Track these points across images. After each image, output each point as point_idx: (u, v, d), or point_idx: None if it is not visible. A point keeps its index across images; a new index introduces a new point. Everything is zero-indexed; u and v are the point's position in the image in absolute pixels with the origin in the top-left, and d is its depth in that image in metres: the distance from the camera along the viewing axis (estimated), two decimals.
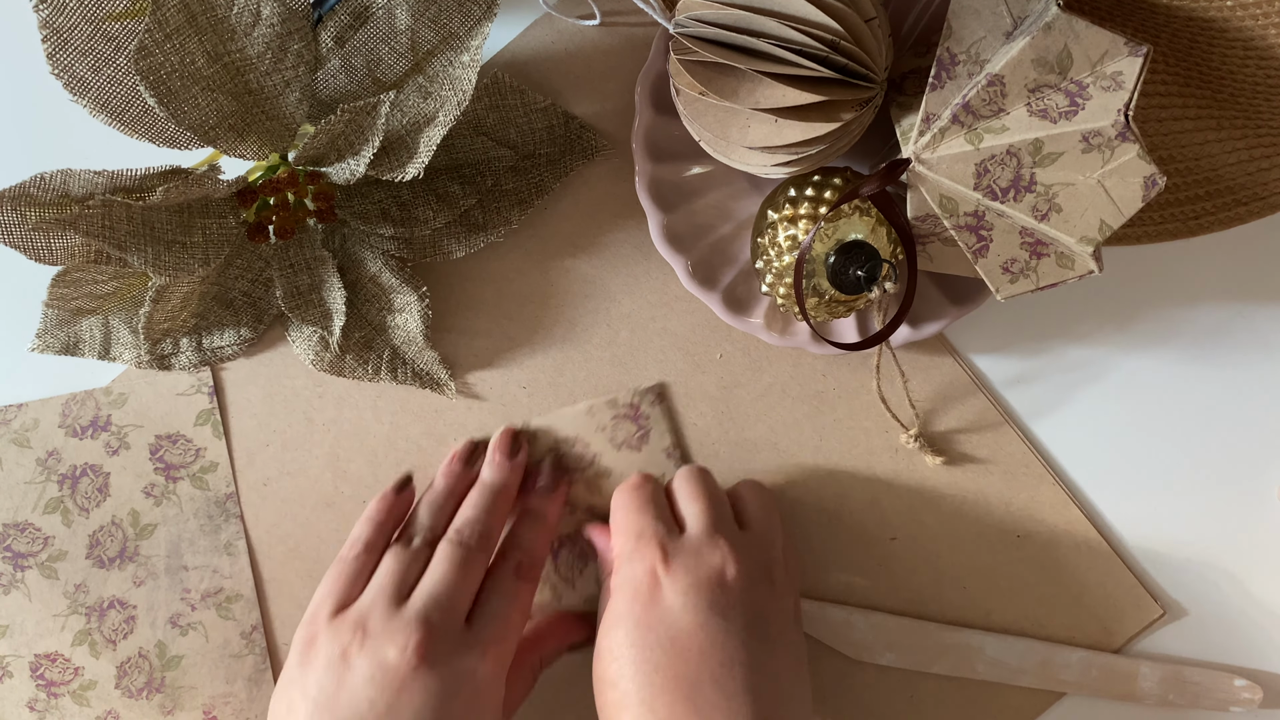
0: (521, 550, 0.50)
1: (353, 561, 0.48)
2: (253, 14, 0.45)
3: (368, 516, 0.50)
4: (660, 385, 0.54)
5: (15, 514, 0.53)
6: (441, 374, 0.53)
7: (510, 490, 0.51)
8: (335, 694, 0.44)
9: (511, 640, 0.47)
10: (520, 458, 0.52)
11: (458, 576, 0.47)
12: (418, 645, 0.44)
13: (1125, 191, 0.42)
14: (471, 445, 0.52)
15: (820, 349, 0.51)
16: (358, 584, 0.47)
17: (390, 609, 0.46)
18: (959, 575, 0.54)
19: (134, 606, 0.54)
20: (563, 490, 0.53)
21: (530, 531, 0.50)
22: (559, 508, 0.52)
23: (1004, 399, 0.54)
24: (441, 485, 0.51)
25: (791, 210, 0.47)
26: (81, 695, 0.54)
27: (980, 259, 0.44)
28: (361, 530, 0.49)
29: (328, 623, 0.46)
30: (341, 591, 0.47)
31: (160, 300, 0.49)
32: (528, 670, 0.50)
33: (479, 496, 0.50)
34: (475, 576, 0.48)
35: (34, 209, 0.44)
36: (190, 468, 0.54)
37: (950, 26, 0.42)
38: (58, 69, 0.44)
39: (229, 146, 0.46)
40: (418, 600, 0.46)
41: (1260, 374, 0.54)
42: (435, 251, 0.52)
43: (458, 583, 0.47)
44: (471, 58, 0.46)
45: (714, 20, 0.42)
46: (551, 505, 0.52)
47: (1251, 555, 0.54)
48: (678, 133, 0.48)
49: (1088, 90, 0.41)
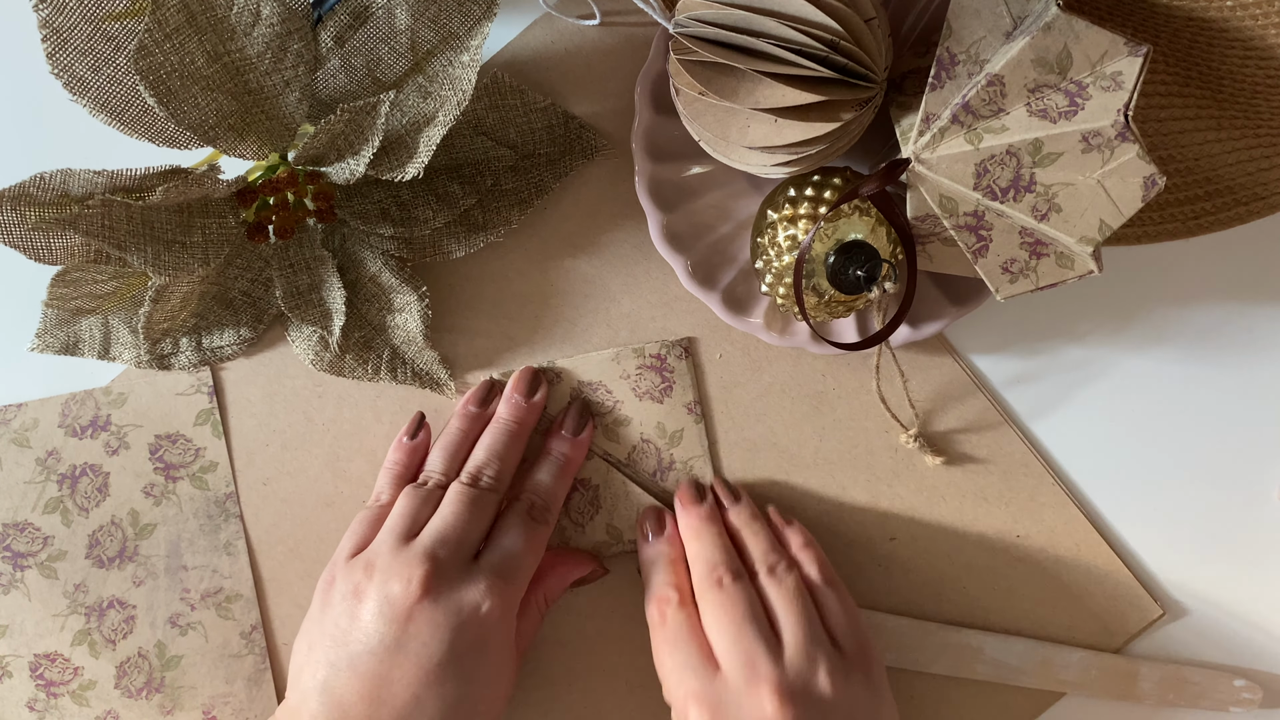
0: (537, 492, 0.50)
1: (372, 509, 0.50)
2: (252, 14, 0.45)
3: (386, 465, 0.52)
4: (688, 339, 0.53)
5: (15, 514, 0.53)
6: (441, 374, 0.53)
7: (525, 429, 0.51)
8: (348, 629, 0.46)
9: (520, 578, 0.48)
10: (538, 397, 0.52)
11: (467, 515, 0.47)
12: (422, 578, 0.45)
13: (1125, 191, 0.42)
14: (488, 385, 0.53)
15: (820, 349, 0.51)
16: (375, 529, 0.49)
17: (398, 546, 0.47)
18: (959, 575, 0.54)
19: (133, 606, 0.54)
20: (588, 436, 0.53)
21: (549, 475, 0.51)
22: (581, 454, 0.52)
23: (1004, 399, 0.54)
24: (456, 426, 0.52)
25: (791, 210, 0.47)
26: (81, 695, 0.54)
27: (980, 259, 0.44)
28: (381, 479, 0.51)
29: (344, 564, 0.48)
30: (359, 536, 0.49)
31: (160, 300, 0.49)
32: (533, 608, 0.51)
33: (492, 436, 0.51)
34: (486, 515, 0.48)
35: (34, 209, 0.44)
36: (190, 467, 0.54)
37: (950, 26, 0.42)
38: (58, 69, 0.44)
39: (229, 146, 0.46)
40: (425, 537, 0.47)
41: (1260, 374, 0.54)
42: (435, 251, 0.52)
43: (467, 521, 0.47)
44: (471, 57, 0.46)
45: (714, 20, 0.42)
46: (574, 450, 0.52)
47: (1251, 555, 0.54)
48: (678, 133, 0.48)
49: (1087, 90, 0.41)
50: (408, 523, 0.48)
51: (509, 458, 0.50)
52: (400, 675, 0.45)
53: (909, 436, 0.53)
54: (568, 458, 0.52)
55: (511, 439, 0.51)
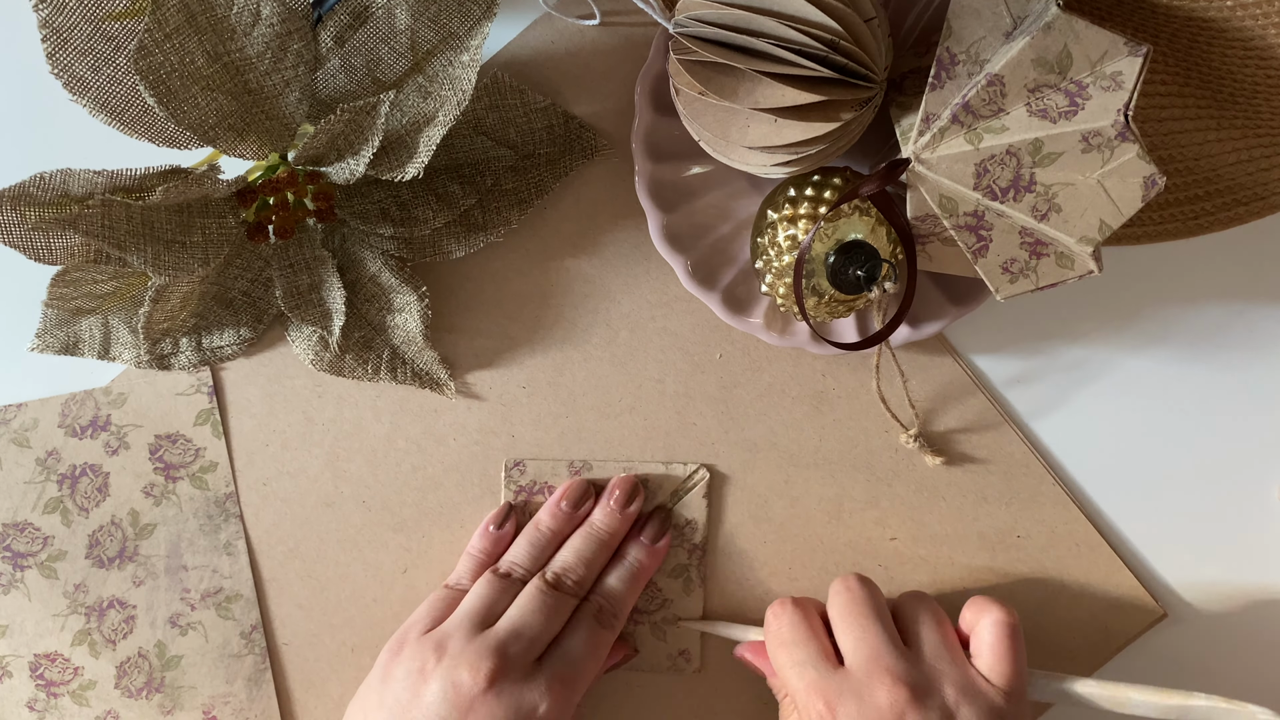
0: (607, 597, 0.50)
1: (451, 590, 0.51)
2: (252, 14, 0.45)
3: (469, 550, 0.52)
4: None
5: (15, 514, 0.53)
6: (441, 374, 0.53)
7: (616, 539, 0.52)
8: (409, 705, 0.46)
9: (581, 683, 0.48)
10: (634, 508, 0.52)
11: (544, 616, 0.48)
12: (490, 672, 0.45)
13: (1125, 191, 0.42)
14: (584, 485, 0.53)
15: (820, 349, 0.51)
16: (451, 609, 0.49)
17: (471, 633, 0.47)
18: (959, 575, 0.54)
19: (134, 606, 0.54)
20: (665, 546, 0.53)
21: (621, 581, 0.51)
22: (656, 562, 0.53)
23: (1004, 399, 0.54)
24: (546, 524, 0.52)
25: (791, 210, 0.47)
26: (81, 695, 0.54)
27: (980, 259, 0.44)
28: (462, 564, 0.52)
29: (415, 640, 0.48)
30: (434, 614, 0.49)
31: (160, 300, 0.49)
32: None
33: (583, 542, 0.51)
34: (560, 618, 0.48)
35: (34, 209, 0.44)
36: (190, 467, 0.54)
37: (950, 26, 0.42)
38: (57, 69, 0.44)
39: (229, 146, 0.46)
40: (499, 630, 0.47)
41: (1260, 374, 0.54)
42: (435, 251, 0.52)
43: (543, 622, 0.48)
44: (471, 57, 0.46)
45: (714, 20, 0.42)
46: (650, 558, 0.52)
47: (1251, 555, 0.54)
48: (677, 133, 0.48)
49: (1087, 90, 0.41)
50: (484, 611, 0.48)
51: (595, 564, 0.51)
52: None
53: (909, 436, 0.53)
54: (643, 565, 0.52)
55: (600, 547, 0.51)
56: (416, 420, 0.54)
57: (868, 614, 0.46)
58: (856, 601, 0.47)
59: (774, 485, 0.54)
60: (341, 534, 0.54)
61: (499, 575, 0.50)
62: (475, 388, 0.54)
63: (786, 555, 0.54)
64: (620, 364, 0.54)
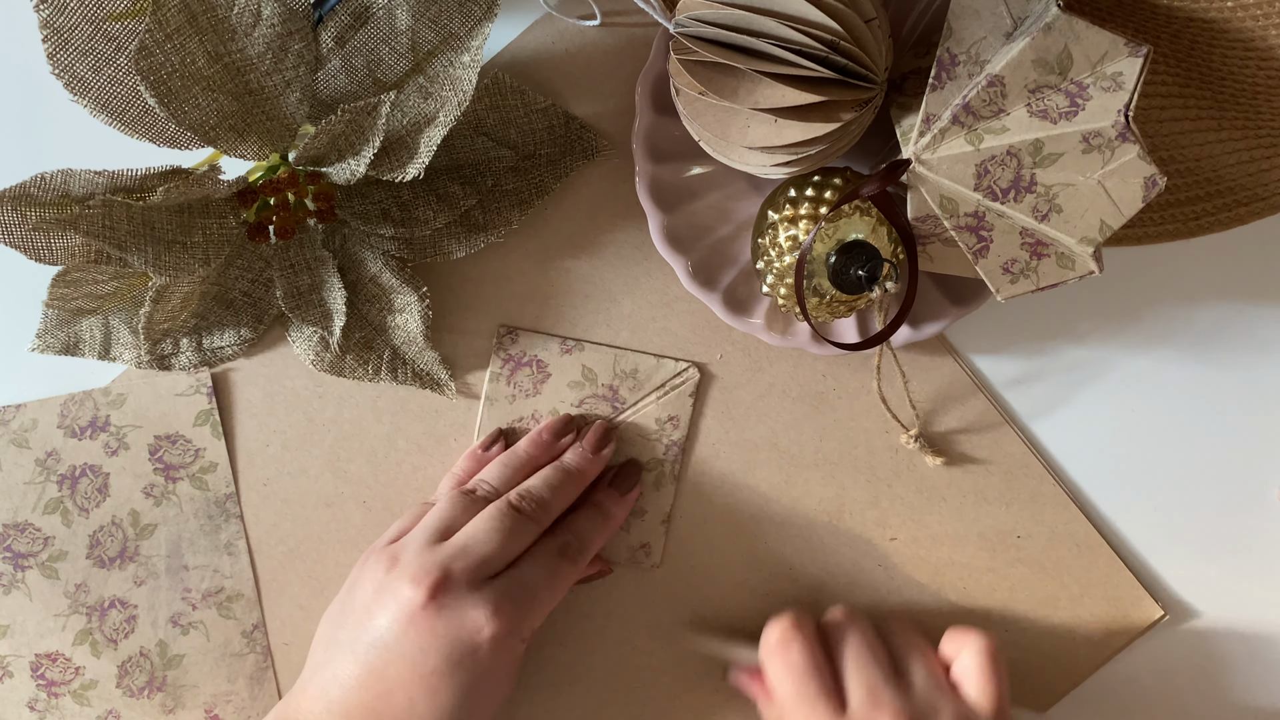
0: (574, 534, 0.50)
1: (425, 506, 0.50)
2: (253, 14, 0.45)
3: (452, 470, 0.53)
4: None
5: (15, 514, 0.53)
6: (441, 374, 0.53)
7: (585, 479, 0.52)
8: (360, 617, 0.47)
9: (533, 610, 0.47)
10: (605, 453, 0.52)
11: (499, 536, 0.47)
12: (431, 585, 0.45)
13: (1125, 192, 0.42)
14: (568, 419, 0.53)
15: (820, 349, 0.51)
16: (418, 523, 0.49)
17: (425, 546, 0.47)
18: (959, 575, 0.54)
19: (135, 606, 0.54)
20: (633, 496, 0.53)
21: (590, 523, 0.51)
22: (624, 512, 0.53)
23: (1004, 399, 0.54)
24: (524, 448, 0.52)
25: (792, 211, 0.47)
26: (82, 695, 0.54)
27: (980, 259, 0.44)
28: (444, 483, 0.53)
29: (377, 551, 0.48)
30: (402, 526, 0.50)
31: (160, 300, 0.49)
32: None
33: (551, 472, 0.51)
34: (518, 542, 0.48)
35: (34, 209, 0.44)
36: (190, 468, 0.54)
37: (950, 27, 0.42)
38: (58, 69, 0.44)
39: (229, 146, 0.46)
40: (450, 544, 0.47)
41: (1260, 374, 0.54)
42: (435, 252, 0.52)
43: (497, 541, 0.47)
44: (472, 58, 0.46)
45: (714, 20, 0.42)
46: (619, 507, 0.52)
47: (1251, 555, 0.54)
48: (678, 133, 0.48)
49: (1088, 91, 0.41)
50: (442, 525, 0.48)
51: (560, 496, 0.50)
52: (395, 674, 0.45)
53: (909, 437, 0.53)
54: (611, 512, 0.52)
55: (567, 479, 0.51)
56: (417, 420, 0.54)
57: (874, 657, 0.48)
58: (869, 646, 0.48)
59: (774, 485, 0.54)
60: (342, 534, 0.54)
61: (465, 492, 0.50)
62: (476, 388, 0.54)
63: (786, 555, 0.54)
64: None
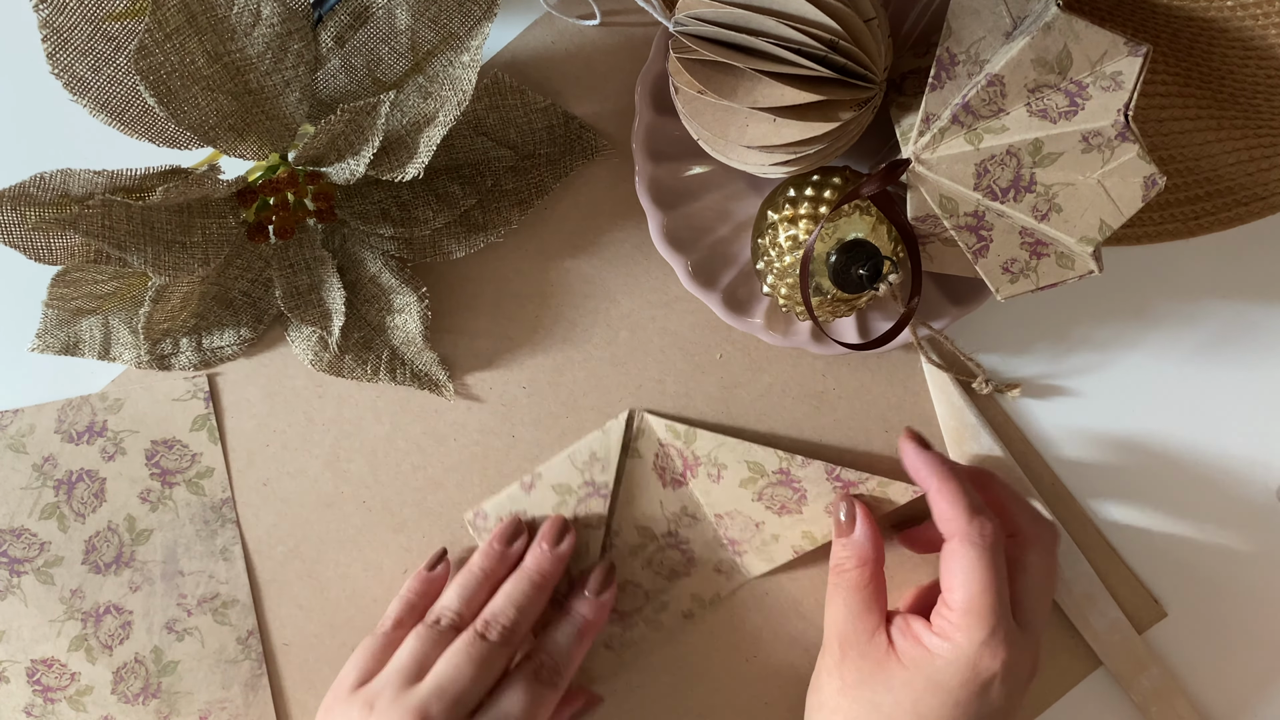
0: (549, 654, 0.49)
1: (381, 637, 0.49)
2: (253, 14, 0.45)
3: (401, 594, 0.51)
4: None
5: (11, 519, 0.53)
6: (440, 375, 0.53)
7: (549, 580, 0.50)
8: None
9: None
10: (564, 547, 0.51)
11: (472, 670, 0.46)
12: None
13: (1125, 191, 0.42)
14: (515, 523, 0.52)
15: (821, 349, 0.51)
16: (382, 659, 0.48)
17: (400, 690, 0.46)
18: None
19: (130, 612, 0.53)
20: (610, 598, 0.52)
21: (565, 636, 0.50)
22: (603, 617, 0.51)
23: (1003, 399, 0.54)
24: (478, 564, 0.51)
25: (791, 210, 0.47)
26: (78, 701, 0.53)
27: (980, 259, 0.44)
28: (394, 607, 0.51)
29: (346, 695, 0.47)
30: (365, 665, 0.48)
31: (160, 300, 0.49)
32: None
33: (514, 584, 0.50)
34: (492, 672, 0.47)
35: (34, 209, 0.44)
36: (186, 473, 0.54)
37: (950, 26, 0.42)
38: (58, 69, 0.44)
39: (229, 146, 0.46)
40: (423, 688, 0.46)
41: (1260, 374, 0.55)
42: (435, 252, 0.52)
43: (470, 675, 0.46)
44: (471, 58, 0.46)
45: (714, 19, 0.42)
46: (595, 613, 0.51)
47: (1252, 555, 0.54)
48: (677, 133, 0.48)
49: (1087, 90, 0.41)
50: (414, 666, 0.47)
51: (528, 610, 0.49)
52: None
53: (981, 381, 0.53)
54: (587, 621, 0.50)
55: (533, 589, 0.50)
56: (417, 420, 0.54)
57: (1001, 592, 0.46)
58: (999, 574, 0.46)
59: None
60: (342, 534, 0.54)
61: (430, 625, 0.48)
62: (475, 388, 0.54)
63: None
64: (620, 364, 0.54)
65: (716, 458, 0.52)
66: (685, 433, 0.52)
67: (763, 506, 0.52)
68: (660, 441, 0.53)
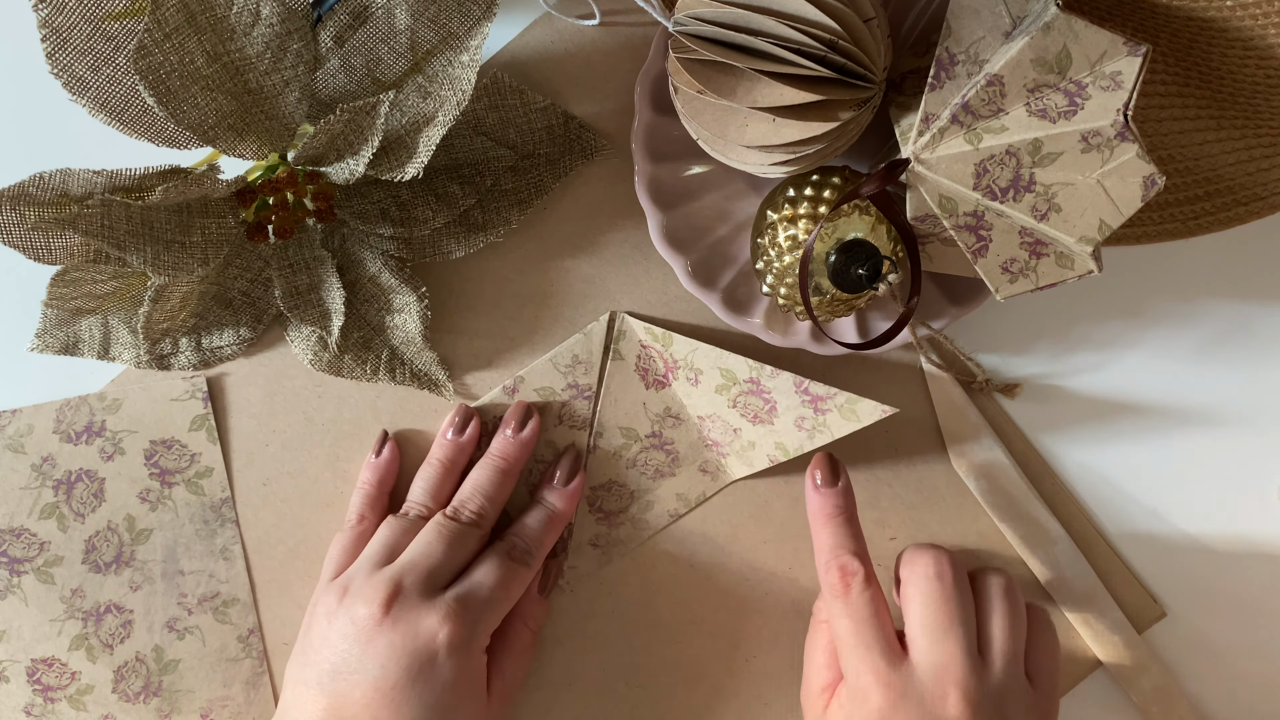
0: (521, 535, 0.50)
1: (349, 531, 0.51)
2: (252, 14, 0.45)
3: (359, 486, 0.53)
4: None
5: (11, 519, 0.53)
6: (439, 375, 0.53)
7: (514, 466, 0.52)
8: (320, 649, 0.47)
9: (486, 614, 0.48)
10: (526, 433, 0.52)
11: (442, 546, 0.48)
12: (383, 601, 0.46)
13: (1124, 191, 0.42)
14: (464, 410, 0.53)
15: (821, 349, 0.51)
16: (354, 553, 0.50)
17: (371, 571, 0.48)
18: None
19: (131, 611, 0.53)
20: (577, 486, 0.53)
21: (536, 522, 0.51)
22: (571, 505, 0.52)
23: (1003, 399, 0.54)
24: (435, 456, 0.52)
25: (791, 210, 0.47)
26: (78, 700, 0.53)
27: (980, 259, 0.44)
28: (354, 499, 0.52)
29: (324, 587, 0.49)
30: (338, 561, 0.50)
31: (159, 300, 0.49)
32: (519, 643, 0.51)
33: (480, 472, 0.51)
34: (464, 550, 0.49)
35: (33, 208, 0.44)
36: (185, 473, 0.54)
37: (949, 26, 0.42)
38: (57, 68, 0.44)
39: (228, 146, 0.46)
40: (397, 563, 0.48)
41: (1259, 373, 0.54)
42: (434, 251, 0.52)
43: (441, 552, 0.48)
44: (471, 57, 0.46)
45: (713, 19, 0.42)
46: (564, 502, 0.52)
47: (1252, 555, 0.54)
48: (677, 133, 0.48)
49: (1087, 90, 0.41)
50: (386, 551, 0.49)
51: (495, 495, 0.51)
52: (360, 696, 0.45)
53: (981, 382, 0.53)
54: (557, 509, 0.52)
55: (500, 475, 0.51)
56: (416, 420, 0.54)
57: (954, 617, 0.45)
58: (948, 601, 0.45)
59: (774, 485, 0.54)
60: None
61: (399, 517, 0.50)
62: (475, 388, 0.54)
63: (787, 555, 0.54)
64: None
65: (693, 362, 0.52)
66: (662, 335, 0.52)
67: (738, 413, 0.52)
68: (641, 343, 0.53)
